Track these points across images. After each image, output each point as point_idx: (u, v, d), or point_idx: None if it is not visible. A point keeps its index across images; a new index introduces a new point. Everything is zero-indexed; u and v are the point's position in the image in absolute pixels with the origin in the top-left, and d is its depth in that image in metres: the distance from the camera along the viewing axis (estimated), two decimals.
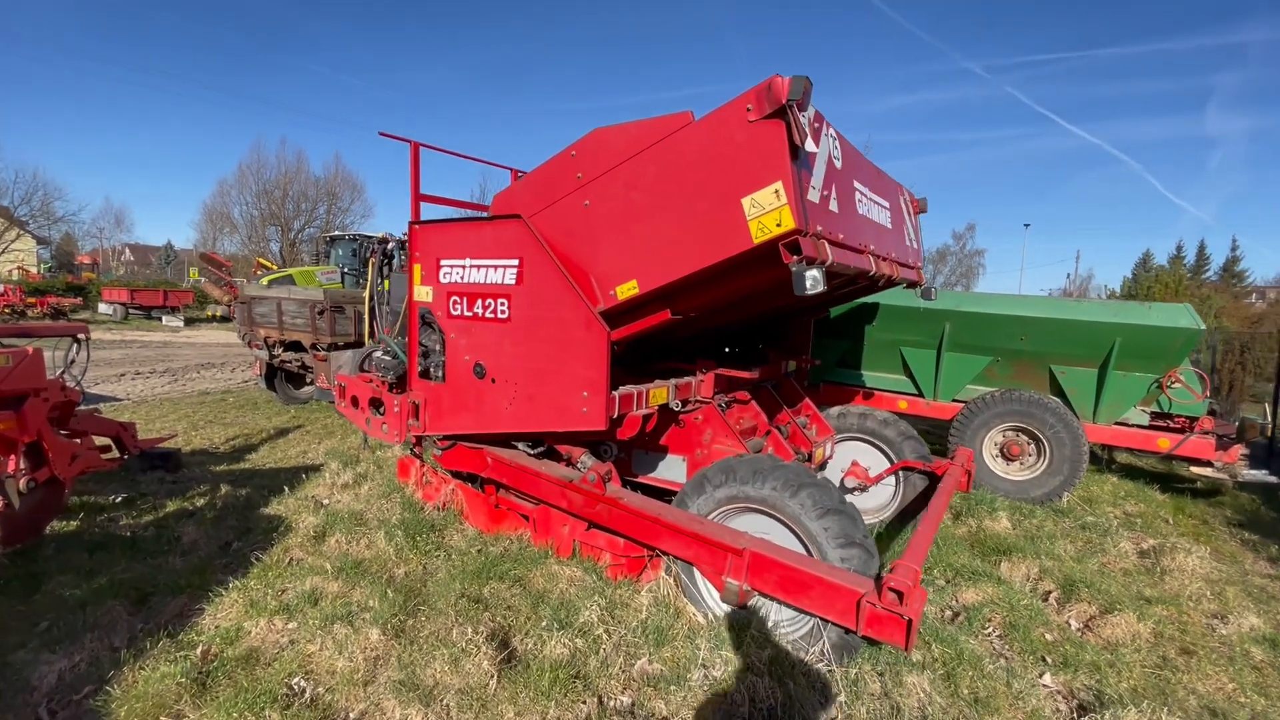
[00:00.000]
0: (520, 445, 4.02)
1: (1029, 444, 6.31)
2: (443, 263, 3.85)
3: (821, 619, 2.92)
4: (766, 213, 2.64)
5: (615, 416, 3.32)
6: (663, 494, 4.37)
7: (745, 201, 2.69)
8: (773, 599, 3.03)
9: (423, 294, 4.01)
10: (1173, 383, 6.10)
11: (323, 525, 4.56)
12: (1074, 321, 6.15)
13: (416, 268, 4.01)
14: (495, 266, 3.56)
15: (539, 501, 4.15)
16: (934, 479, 4.79)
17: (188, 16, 74.93)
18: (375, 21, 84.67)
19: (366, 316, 7.26)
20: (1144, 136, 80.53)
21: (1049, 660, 3.42)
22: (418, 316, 4.09)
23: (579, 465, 3.71)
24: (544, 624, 3.36)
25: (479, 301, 3.68)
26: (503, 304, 3.56)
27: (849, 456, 5.23)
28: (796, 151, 2.59)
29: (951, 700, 2.93)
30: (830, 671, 2.97)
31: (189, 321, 28.04)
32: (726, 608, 3.38)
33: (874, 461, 5.19)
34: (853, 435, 5.18)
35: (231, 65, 76.55)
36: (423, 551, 4.22)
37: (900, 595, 2.58)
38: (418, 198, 5.69)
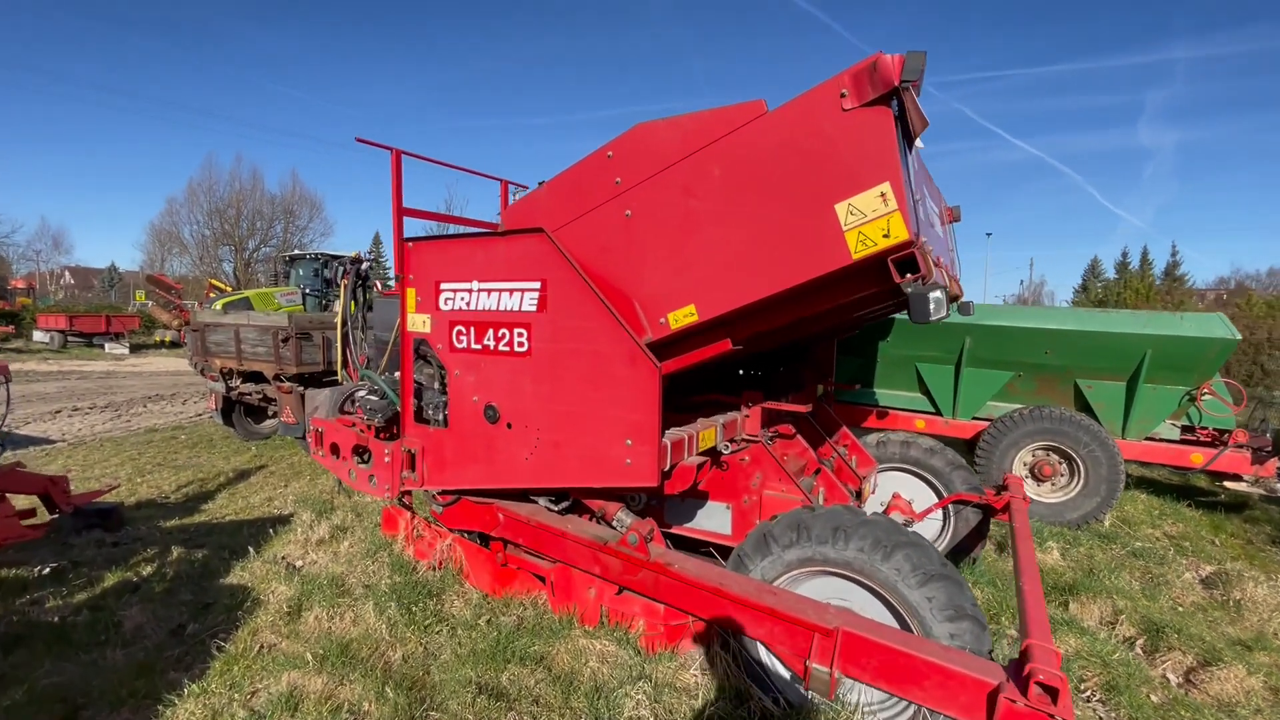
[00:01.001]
0: (541, 500, 3.41)
1: (1060, 464, 5.97)
2: (443, 286, 3.25)
3: (934, 711, 2.40)
4: (869, 221, 2.14)
5: (667, 469, 2.76)
6: (694, 545, 3.83)
7: (840, 208, 2.19)
8: (873, 688, 2.49)
9: (418, 323, 3.40)
10: (1205, 395, 5.84)
11: (297, 597, 3.86)
12: (1102, 334, 5.85)
13: (410, 292, 3.40)
14: (511, 290, 2.98)
15: (557, 560, 3.55)
16: (988, 512, 4.35)
17: (130, 29, 71.98)
18: (329, 37, 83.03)
19: (339, 345, 6.53)
20: (1083, 149, 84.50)
21: None
22: (412, 349, 3.47)
23: (615, 523, 3.13)
24: None
25: (490, 332, 3.09)
26: (520, 335, 2.98)
27: (889, 488, 4.76)
28: (906, 145, 2.11)
29: None
30: None
31: (135, 348, 26.31)
32: (802, 690, 2.84)
33: (917, 493, 4.73)
34: (894, 465, 4.72)
35: (180, 80, 73.88)
36: (421, 626, 3.56)
37: (1053, 693, 2.07)
38: (400, 212, 5.06)
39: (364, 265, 6.49)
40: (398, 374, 4.13)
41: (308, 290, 15.16)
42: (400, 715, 2.77)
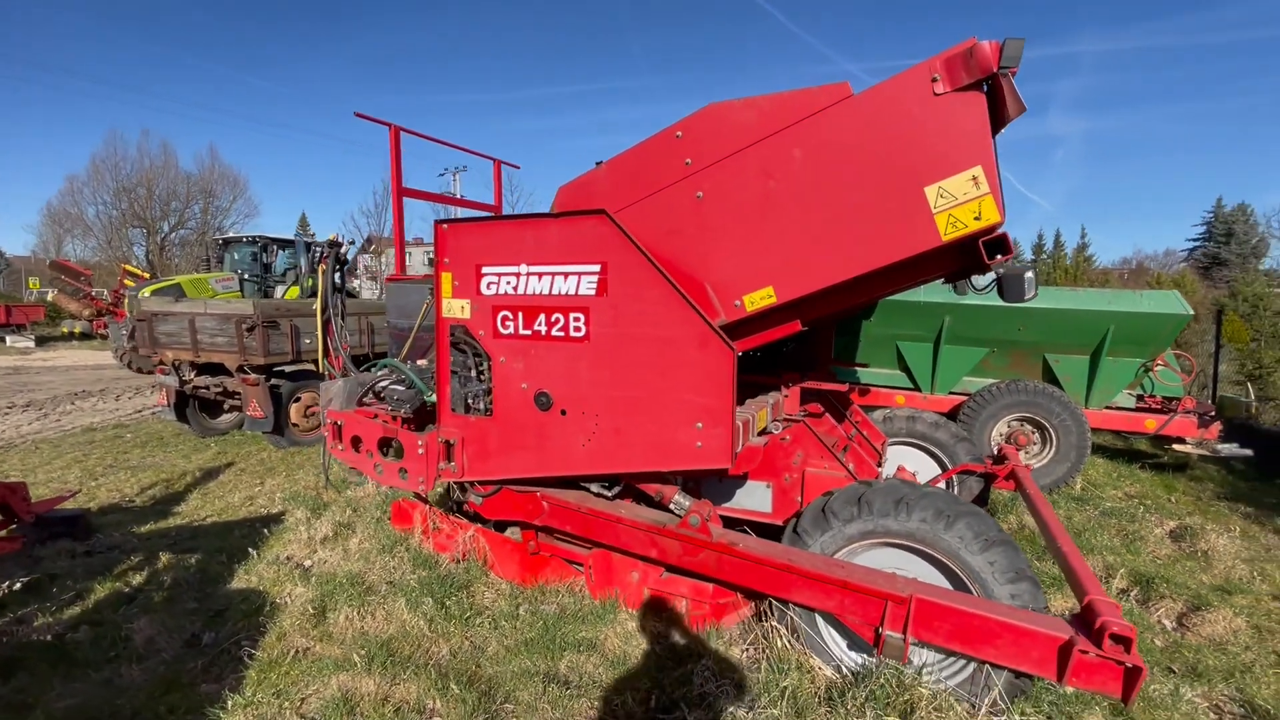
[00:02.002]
0: (593, 486, 3.38)
1: (1034, 433, 6.38)
2: (485, 270, 3.13)
3: (997, 666, 2.56)
4: (960, 204, 2.21)
5: (738, 450, 2.78)
6: (734, 524, 3.89)
7: (930, 191, 2.24)
8: (944, 651, 2.63)
9: (455, 309, 3.26)
10: (1159, 365, 6.36)
11: (319, 597, 3.68)
12: (1072, 311, 6.26)
13: (446, 276, 3.25)
14: (566, 274, 2.91)
15: (594, 545, 3.54)
16: (990, 480, 4.61)
17: None
18: (244, 9, 77.07)
19: (320, 333, 6.18)
20: (1000, 136, 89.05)
21: (1175, 669, 3.27)
22: (447, 336, 3.33)
23: (673, 506, 3.14)
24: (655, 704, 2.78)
25: (541, 317, 3.01)
26: (577, 319, 2.92)
27: (894, 461, 4.97)
28: (999, 129, 2.18)
29: None
30: None
31: (41, 341, 24.04)
32: (857, 657, 2.95)
33: (920, 465, 4.96)
34: (901, 440, 4.93)
35: (74, 47, 66.80)
36: (461, 620, 3.48)
37: (1126, 643, 2.24)
38: (400, 192, 4.84)
39: (343, 249, 6.14)
40: (420, 362, 3.97)
41: (245, 275, 14.27)
42: (474, 711, 2.70)
